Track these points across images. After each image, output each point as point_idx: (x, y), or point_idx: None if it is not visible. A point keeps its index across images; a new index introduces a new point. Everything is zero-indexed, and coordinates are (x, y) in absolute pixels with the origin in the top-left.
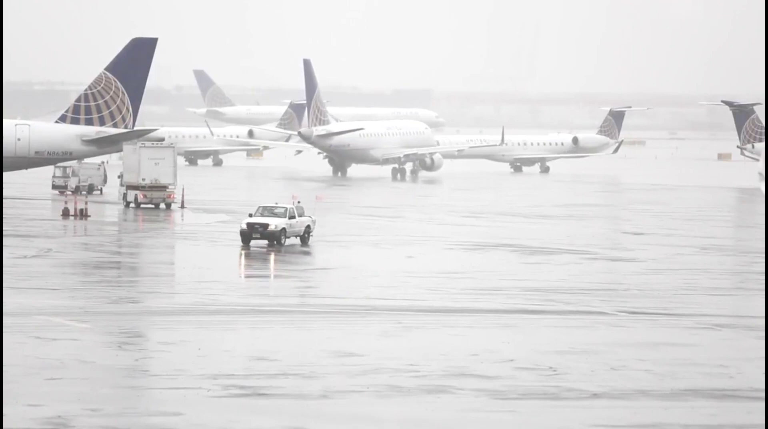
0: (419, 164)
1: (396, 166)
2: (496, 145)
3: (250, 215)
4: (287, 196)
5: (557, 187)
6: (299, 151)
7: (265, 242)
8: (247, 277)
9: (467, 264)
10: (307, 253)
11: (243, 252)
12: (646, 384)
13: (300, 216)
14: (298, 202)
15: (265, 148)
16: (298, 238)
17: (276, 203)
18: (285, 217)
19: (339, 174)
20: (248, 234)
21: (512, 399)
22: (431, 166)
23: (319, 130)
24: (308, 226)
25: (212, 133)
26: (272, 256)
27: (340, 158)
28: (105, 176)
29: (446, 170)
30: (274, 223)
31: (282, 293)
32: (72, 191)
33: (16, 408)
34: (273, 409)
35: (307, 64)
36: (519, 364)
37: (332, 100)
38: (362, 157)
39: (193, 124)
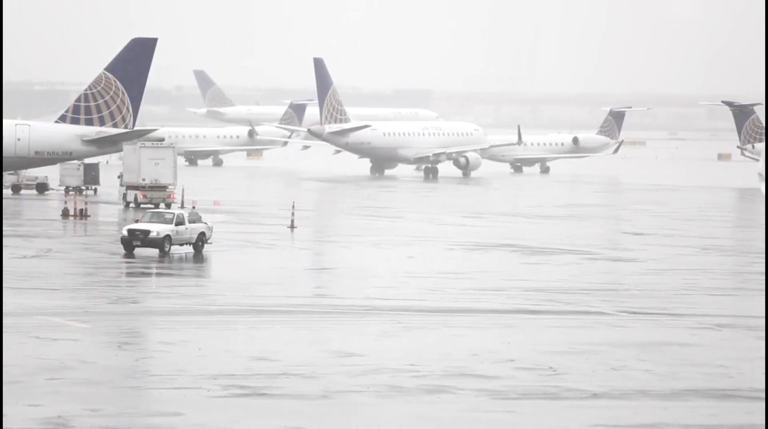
0: (454, 164)
1: (428, 165)
2: (513, 144)
3: (136, 221)
4: (287, 196)
5: (557, 187)
6: (338, 151)
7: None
8: (246, 277)
9: (467, 264)
10: (306, 253)
11: (239, 251)
12: (646, 384)
13: (193, 222)
14: (193, 207)
15: (306, 147)
16: (191, 245)
17: (166, 209)
18: (172, 223)
19: (377, 174)
20: (129, 241)
21: (512, 399)
22: (466, 166)
23: (332, 127)
24: (202, 234)
25: (256, 133)
26: (271, 256)
27: (365, 157)
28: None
29: (444, 169)
30: (156, 230)
31: (282, 293)
32: (11, 190)
33: (16, 408)
34: (273, 409)
35: (318, 62)
36: (519, 364)
37: None
38: (389, 155)
39: (193, 124)
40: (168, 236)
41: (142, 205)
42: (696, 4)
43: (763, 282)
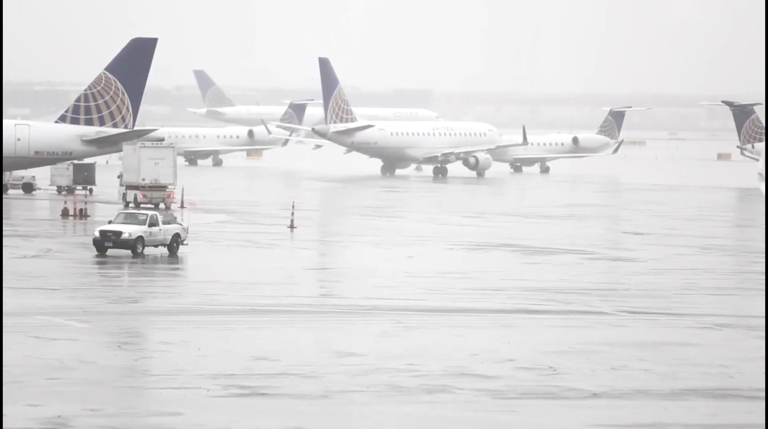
0: (463, 164)
1: (437, 165)
2: (519, 144)
3: (110, 222)
4: (287, 197)
5: (557, 187)
6: (348, 151)
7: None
8: (246, 277)
9: (468, 264)
10: (306, 253)
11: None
12: (646, 384)
13: (168, 223)
14: (168, 207)
15: (318, 146)
16: (165, 247)
17: (138, 209)
18: (145, 224)
19: (387, 174)
20: (101, 242)
21: (512, 399)
22: (475, 166)
23: (336, 126)
24: (177, 235)
25: (269, 132)
26: (271, 256)
27: (375, 157)
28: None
29: (456, 169)
30: (129, 231)
31: (282, 293)
32: None
33: (16, 408)
34: (273, 409)
35: (324, 62)
36: (519, 364)
37: None
38: (397, 155)
39: (193, 124)
40: (141, 238)
41: (141, 205)
42: (696, 4)
43: (763, 282)
